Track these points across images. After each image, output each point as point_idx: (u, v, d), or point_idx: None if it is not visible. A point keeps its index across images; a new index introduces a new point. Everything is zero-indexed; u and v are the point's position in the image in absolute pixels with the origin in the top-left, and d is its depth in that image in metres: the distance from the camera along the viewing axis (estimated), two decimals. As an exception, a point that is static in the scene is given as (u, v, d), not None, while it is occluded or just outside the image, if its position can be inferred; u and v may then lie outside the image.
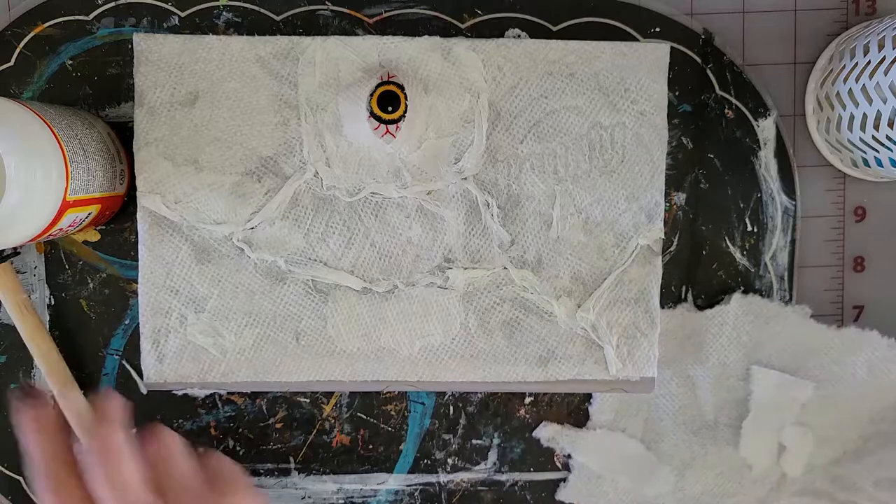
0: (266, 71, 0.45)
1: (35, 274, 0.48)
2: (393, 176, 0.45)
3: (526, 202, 0.46)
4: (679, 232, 0.49)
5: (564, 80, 0.46)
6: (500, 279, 0.46)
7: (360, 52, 0.45)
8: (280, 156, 0.45)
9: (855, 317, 0.50)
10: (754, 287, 0.49)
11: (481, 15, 0.48)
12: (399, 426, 0.49)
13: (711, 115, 0.48)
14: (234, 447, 0.49)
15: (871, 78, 0.41)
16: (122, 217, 0.48)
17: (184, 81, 0.45)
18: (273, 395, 0.49)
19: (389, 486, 0.50)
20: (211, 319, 0.46)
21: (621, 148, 0.46)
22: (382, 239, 0.46)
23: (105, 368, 0.48)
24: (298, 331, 0.46)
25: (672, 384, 0.49)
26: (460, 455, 0.50)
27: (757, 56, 0.48)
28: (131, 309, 0.48)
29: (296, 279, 0.46)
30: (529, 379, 0.47)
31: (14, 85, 0.47)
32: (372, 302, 0.46)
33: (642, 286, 0.47)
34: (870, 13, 0.48)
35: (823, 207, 0.49)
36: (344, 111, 0.44)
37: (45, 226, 0.39)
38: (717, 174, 0.48)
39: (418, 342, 0.46)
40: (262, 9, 0.47)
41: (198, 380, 0.46)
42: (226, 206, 0.45)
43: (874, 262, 0.49)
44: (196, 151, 0.45)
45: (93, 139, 0.42)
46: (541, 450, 0.50)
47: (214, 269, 0.46)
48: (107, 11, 0.47)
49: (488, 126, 0.46)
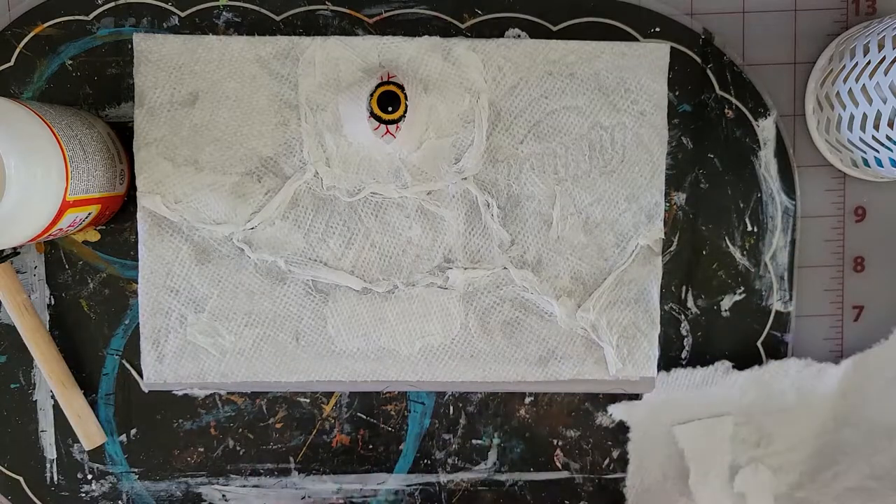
0: (266, 71, 0.45)
1: (35, 274, 0.48)
2: (393, 176, 0.45)
3: (526, 202, 0.46)
4: (679, 232, 0.49)
5: (564, 80, 0.46)
6: (500, 279, 0.46)
7: (360, 52, 0.45)
8: (280, 156, 0.45)
9: (855, 317, 0.50)
10: (754, 287, 0.49)
11: (481, 15, 0.48)
12: (399, 426, 0.49)
13: (711, 115, 0.48)
14: (234, 447, 0.49)
15: (871, 78, 0.41)
16: (122, 217, 0.48)
17: (184, 81, 0.45)
18: (273, 395, 0.49)
19: (389, 485, 0.50)
20: (211, 319, 0.46)
21: (621, 148, 0.46)
22: (382, 239, 0.46)
23: (105, 368, 0.49)
24: (298, 331, 0.46)
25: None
26: (460, 455, 0.50)
27: (757, 56, 0.48)
28: (131, 309, 0.48)
29: (296, 279, 0.46)
30: (529, 379, 0.47)
31: (14, 85, 0.47)
32: (372, 302, 0.46)
33: (642, 286, 0.47)
34: (870, 13, 0.48)
35: (823, 207, 0.49)
36: (344, 111, 0.44)
37: (45, 226, 0.39)
38: (717, 174, 0.48)
39: (418, 342, 0.46)
40: (262, 9, 0.47)
41: (197, 380, 0.46)
42: (226, 206, 0.45)
43: (874, 262, 0.49)
44: (196, 151, 0.45)
45: (93, 139, 0.42)
46: (541, 450, 0.50)
47: (214, 270, 0.46)
48: (107, 11, 0.47)
49: (488, 126, 0.46)
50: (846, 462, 0.49)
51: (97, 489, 0.49)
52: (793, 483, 0.49)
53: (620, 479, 0.50)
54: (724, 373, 0.48)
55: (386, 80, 0.43)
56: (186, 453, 0.49)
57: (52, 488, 0.49)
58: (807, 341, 0.50)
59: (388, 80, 0.43)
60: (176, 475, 0.49)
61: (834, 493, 0.49)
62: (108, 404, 0.49)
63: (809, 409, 0.49)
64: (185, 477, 0.49)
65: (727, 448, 0.48)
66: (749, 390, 0.48)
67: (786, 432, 0.49)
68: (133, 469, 0.49)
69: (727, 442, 0.48)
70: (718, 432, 0.48)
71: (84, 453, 0.49)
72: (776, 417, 0.49)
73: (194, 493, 0.49)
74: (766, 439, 0.49)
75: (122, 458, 0.49)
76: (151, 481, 0.49)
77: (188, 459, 0.49)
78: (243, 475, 0.49)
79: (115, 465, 0.49)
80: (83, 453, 0.49)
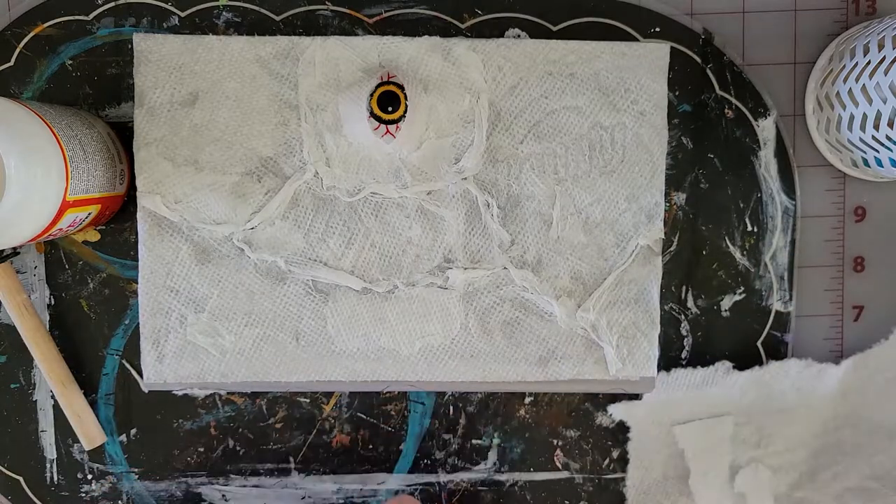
0: (266, 71, 0.45)
1: (35, 274, 0.48)
2: (393, 176, 0.45)
3: (526, 202, 0.46)
4: (679, 232, 0.49)
5: (564, 80, 0.46)
6: (500, 279, 0.46)
7: (360, 52, 0.45)
8: (280, 156, 0.45)
9: (855, 317, 0.50)
10: (754, 287, 0.49)
11: (481, 15, 0.48)
12: (399, 426, 0.49)
13: (711, 115, 0.48)
14: (234, 447, 0.49)
15: (871, 78, 0.41)
16: (122, 217, 0.48)
17: (184, 81, 0.45)
18: (273, 395, 0.49)
19: (389, 485, 0.50)
20: (211, 319, 0.46)
21: (621, 148, 0.46)
22: (382, 239, 0.46)
23: (105, 368, 0.48)
24: (298, 331, 0.46)
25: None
26: (460, 455, 0.50)
27: (757, 56, 0.48)
28: (131, 309, 0.48)
29: (296, 279, 0.46)
30: (529, 379, 0.47)
31: (14, 85, 0.47)
32: (372, 302, 0.46)
33: (642, 286, 0.47)
34: (870, 13, 0.48)
35: (823, 207, 0.49)
36: (344, 111, 0.44)
37: (45, 226, 0.39)
38: (717, 174, 0.48)
39: (418, 342, 0.46)
40: (262, 9, 0.47)
41: (197, 380, 0.46)
42: (226, 206, 0.45)
43: (874, 262, 0.49)
44: (196, 151, 0.45)
45: (93, 139, 0.42)
46: (541, 450, 0.50)
47: (214, 270, 0.46)
48: (107, 11, 0.47)
49: (488, 126, 0.46)
50: (846, 462, 0.49)
51: (97, 489, 0.49)
52: (793, 483, 0.49)
53: (620, 479, 0.50)
54: (724, 373, 0.48)
55: (386, 80, 0.43)
56: (186, 453, 0.49)
57: (52, 488, 0.49)
58: (807, 341, 0.50)
59: (388, 80, 0.43)
60: (176, 475, 0.49)
61: (834, 493, 0.49)
62: (108, 404, 0.49)
63: (810, 410, 0.49)
64: (185, 477, 0.49)
65: (727, 448, 0.48)
66: (749, 390, 0.48)
67: (786, 432, 0.49)
68: (133, 469, 0.49)
69: (727, 442, 0.48)
70: (718, 432, 0.48)
71: (84, 453, 0.49)
72: (776, 418, 0.49)
73: (194, 493, 0.49)
74: (767, 439, 0.49)
75: (122, 458, 0.49)
76: (151, 481, 0.49)
77: (188, 459, 0.49)
78: (243, 475, 0.49)
79: (115, 465, 0.49)
80: (83, 453, 0.49)
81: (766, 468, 0.49)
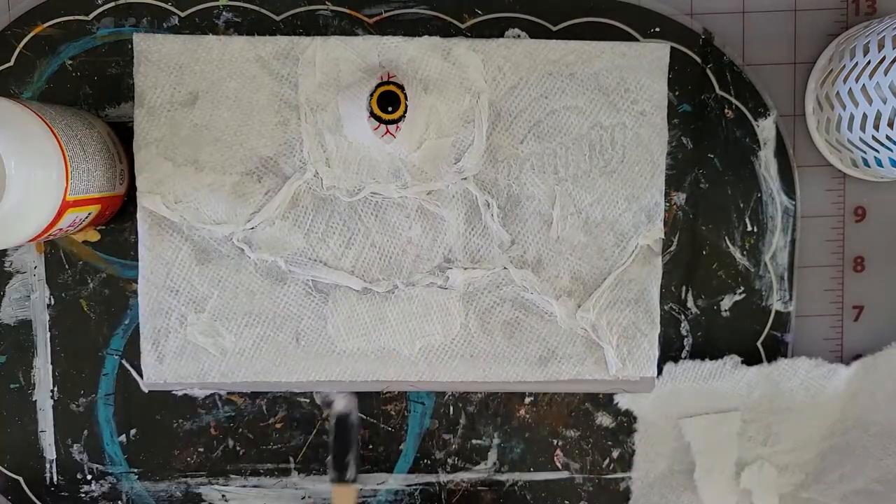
0: (266, 71, 0.45)
1: (35, 274, 0.48)
2: (393, 176, 0.45)
3: (526, 202, 0.46)
4: (679, 232, 0.49)
5: (564, 80, 0.46)
6: (500, 279, 0.46)
7: (360, 52, 0.45)
8: (280, 156, 0.45)
9: (855, 317, 0.50)
10: (754, 287, 0.49)
11: (481, 15, 0.48)
12: (399, 426, 0.49)
13: (711, 115, 0.48)
14: (234, 447, 0.49)
15: (871, 78, 0.41)
16: (122, 217, 0.48)
17: (184, 81, 0.45)
18: (273, 395, 0.49)
19: (389, 486, 0.50)
20: (211, 319, 0.46)
21: (621, 148, 0.46)
22: (382, 239, 0.46)
23: (105, 368, 0.48)
24: (298, 331, 0.46)
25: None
26: (460, 455, 0.50)
27: (757, 56, 0.48)
28: (131, 309, 0.48)
29: (296, 279, 0.46)
30: (529, 379, 0.47)
31: (14, 85, 0.47)
32: (372, 302, 0.46)
33: (642, 286, 0.47)
34: (870, 13, 0.48)
35: (823, 207, 0.49)
36: (344, 111, 0.44)
37: (44, 226, 0.39)
38: (717, 174, 0.48)
39: (418, 342, 0.46)
40: (262, 9, 0.47)
41: (197, 380, 0.46)
42: (226, 206, 0.45)
43: (874, 262, 0.49)
44: (196, 151, 0.45)
45: (93, 139, 0.42)
46: (541, 450, 0.50)
47: (214, 270, 0.46)
48: (107, 11, 0.47)
49: (488, 126, 0.46)
50: (853, 464, 0.49)
51: (97, 489, 0.49)
52: (798, 483, 0.49)
53: (620, 479, 0.50)
54: (732, 367, 0.48)
55: (386, 80, 0.43)
56: (186, 453, 0.49)
57: (52, 488, 0.49)
58: (807, 341, 0.50)
59: (388, 80, 0.43)
60: (176, 475, 0.49)
61: (839, 494, 0.49)
62: (107, 404, 0.49)
63: (818, 410, 0.49)
64: (185, 477, 0.49)
65: (734, 444, 0.48)
66: (757, 387, 0.48)
67: (793, 432, 0.49)
68: (133, 469, 0.49)
69: (734, 438, 0.48)
70: (726, 428, 0.48)
71: (84, 453, 0.49)
72: (784, 416, 0.48)
73: (194, 494, 0.49)
74: (773, 438, 0.49)
75: (121, 459, 0.49)
76: (151, 481, 0.49)
77: (188, 460, 0.49)
78: (243, 475, 0.49)
79: (115, 465, 0.49)
80: (83, 453, 0.49)
81: (772, 466, 0.49)
